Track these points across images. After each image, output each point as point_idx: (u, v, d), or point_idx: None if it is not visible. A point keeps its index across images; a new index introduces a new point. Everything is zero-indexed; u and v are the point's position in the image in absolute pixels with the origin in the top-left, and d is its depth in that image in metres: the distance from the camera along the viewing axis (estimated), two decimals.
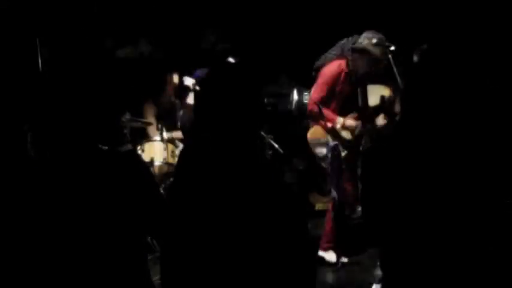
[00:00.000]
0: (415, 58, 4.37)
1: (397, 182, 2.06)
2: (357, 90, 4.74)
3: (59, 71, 2.02)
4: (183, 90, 5.16)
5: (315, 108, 4.49)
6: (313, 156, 4.79)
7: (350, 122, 4.67)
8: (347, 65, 4.57)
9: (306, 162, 5.69)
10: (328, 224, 4.81)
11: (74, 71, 2.02)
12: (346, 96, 4.65)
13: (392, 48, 4.44)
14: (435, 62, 2.06)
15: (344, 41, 4.67)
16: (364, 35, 4.49)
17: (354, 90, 4.73)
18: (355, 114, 4.75)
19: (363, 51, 4.45)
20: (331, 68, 4.62)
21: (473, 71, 2.03)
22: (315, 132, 4.71)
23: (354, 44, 4.53)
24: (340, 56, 4.64)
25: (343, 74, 4.58)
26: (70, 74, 2.02)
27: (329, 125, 4.56)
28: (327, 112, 4.50)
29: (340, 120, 4.60)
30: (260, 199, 1.89)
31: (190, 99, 5.04)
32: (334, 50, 4.71)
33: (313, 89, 4.68)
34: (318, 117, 4.56)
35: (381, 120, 4.62)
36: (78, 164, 1.98)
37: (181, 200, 1.97)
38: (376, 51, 4.41)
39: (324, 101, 4.52)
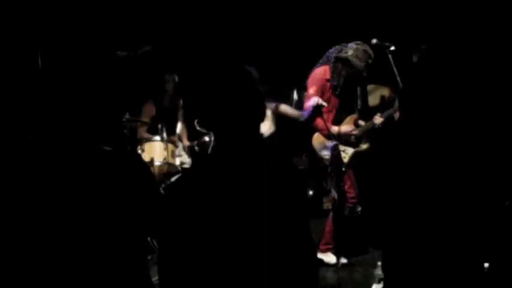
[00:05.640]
0: (415, 58, 4.37)
1: (397, 183, 2.06)
2: (357, 89, 4.76)
3: (60, 71, 2.02)
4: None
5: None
6: (314, 156, 4.80)
7: (345, 128, 4.70)
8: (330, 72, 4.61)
9: (306, 162, 5.69)
10: (328, 224, 4.81)
11: (75, 71, 2.02)
12: (332, 103, 4.68)
13: (392, 48, 4.44)
14: (435, 62, 2.06)
15: (332, 49, 4.65)
16: (350, 45, 4.52)
17: (353, 90, 4.75)
18: (354, 116, 4.77)
19: (345, 62, 4.49)
20: (317, 72, 4.63)
21: (472, 71, 2.03)
22: (319, 136, 4.72)
23: (339, 52, 4.55)
24: (325, 63, 4.64)
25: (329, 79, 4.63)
26: (71, 74, 2.02)
27: (324, 132, 4.59)
28: (319, 122, 4.52)
29: (334, 129, 4.63)
30: (262, 199, 1.89)
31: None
32: (321, 59, 4.70)
33: (306, 99, 4.65)
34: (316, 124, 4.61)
35: (377, 120, 4.62)
36: (79, 163, 1.99)
37: (182, 199, 1.97)
38: (358, 63, 4.44)
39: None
